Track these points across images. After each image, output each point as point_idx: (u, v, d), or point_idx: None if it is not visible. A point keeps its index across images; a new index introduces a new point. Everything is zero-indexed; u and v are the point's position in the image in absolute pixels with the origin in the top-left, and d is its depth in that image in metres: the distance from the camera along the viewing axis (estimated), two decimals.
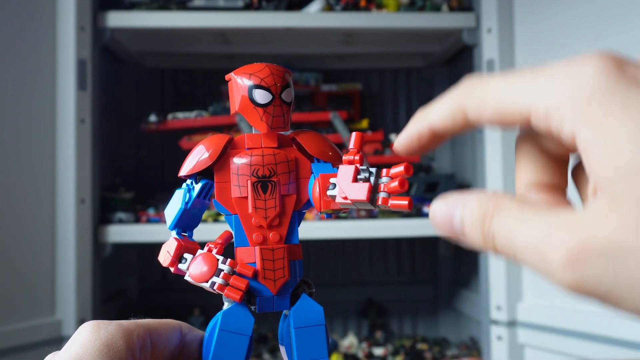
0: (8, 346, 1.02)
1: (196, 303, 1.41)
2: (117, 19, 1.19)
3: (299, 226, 0.36)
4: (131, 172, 1.48)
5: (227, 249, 0.36)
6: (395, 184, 0.31)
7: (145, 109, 1.45)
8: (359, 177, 0.32)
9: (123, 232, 1.20)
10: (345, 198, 0.32)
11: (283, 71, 0.35)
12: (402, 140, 0.28)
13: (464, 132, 0.27)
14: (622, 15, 1.04)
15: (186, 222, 0.37)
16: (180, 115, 1.30)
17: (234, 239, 0.36)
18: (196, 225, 0.37)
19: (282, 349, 0.37)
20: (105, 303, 1.26)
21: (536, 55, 1.18)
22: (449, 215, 0.25)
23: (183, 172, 0.36)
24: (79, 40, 1.14)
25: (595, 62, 0.22)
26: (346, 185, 0.32)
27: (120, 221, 1.21)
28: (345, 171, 0.33)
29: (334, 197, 0.33)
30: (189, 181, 0.36)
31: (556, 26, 1.15)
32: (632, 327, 1.01)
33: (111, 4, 1.22)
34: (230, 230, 0.37)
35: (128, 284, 1.52)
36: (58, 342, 1.08)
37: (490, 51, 1.22)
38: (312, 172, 0.36)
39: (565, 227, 0.21)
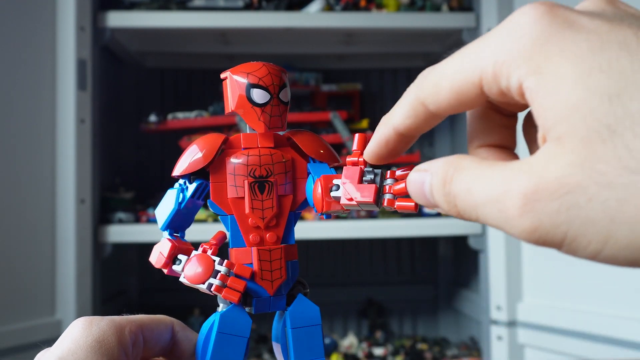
0: (8, 346, 1.02)
1: (196, 303, 1.41)
2: (117, 19, 1.19)
3: (294, 226, 0.36)
4: (131, 172, 1.48)
5: (221, 250, 0.36)
6: (402, 186, 0.31)
7: (145, 109, 1.45)
8: (364, 178, 0.32)
9: (123, 232, 1.20)
10: (351, 199, 0.32)
11: (280, 71, 0.35)
12: (370, 149, 0.29)
13: (429, 127, 0.27)
14: None
15: (179, 223, 0.36)
16: (180, 115, 1.30)
17: (229, 240, 0.35)
18: (188, 226, 0.37)
19: (277, 347, 0.37)
20: (105, 303, 1.26)
21: None
22: (420, 183, 0.26)
23: (177, 172, 0.35)
24: (79, 40, 1.14)
25: (527, 12, 0.22)
26: (352, 186, 0.32)
27: (120, 221, 1.21)
28: (351, 173, 0.32)
29: (337, 198, 0.33)
30: (181, 181, 0.36)
31: None
32: (632, 327, 1.01)
33: (111, 4, 1.22)
34: (224, 230, 0.36)
35: (128, 284, 1.52)
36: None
37: None
38: (310, 173, 0.36)
39: (519, 173, 0.22)
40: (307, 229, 1.19)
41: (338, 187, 0.33)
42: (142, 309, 1.53)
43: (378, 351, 1.38)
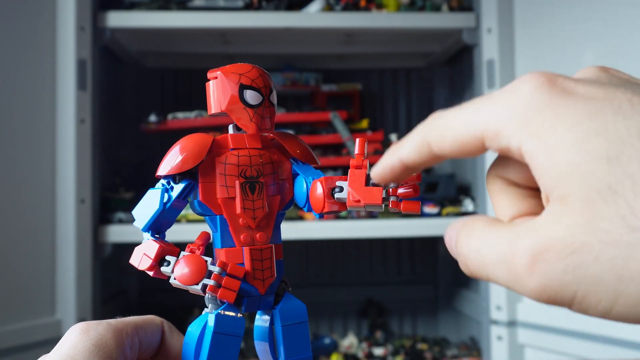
0: (8, 346, 1.02)
1: (196, 303, 1.41)
2: (117, 19, 1.19)
3: (280, 226, 0.37)
4: (131, 172, 1.48)
5: (206, 250, 0.36)
6: (409, 189, 0.33)
7: (145, 109, 1.45)
8: (371, 181, 0.33)
9: (123, 232, 1.20)
10: (358, 201, 0.33)
11: (267, 74, 0.36)
12: (376, 171, 0.30)
13: (432, 164, 0.28)
14: (622, 15, 1.04)
15: (161, 223, 0.35)
16: (180, 115, 1.30)
17: (217, 240, 0.35)
18: (170, 227, 0.36)
19: (264, 345, 0.37)
20: (105, 303, 1.27)
21: (536, 55, 1.18)
22: (449, 239, 0.27)
23: (162, 171, 0.35)
24: (79, 40, 1.14)
25: (529, 80, 0.24)
26: (359, 189, 0.33)
27: (120, 221, 1.21)
28: (356, 176, 0.34)
29: (341, 199, 0.34)
30: (164, 181, 0.35)
31: (556, 26, 1.15)
32: (632, 327, 1.01)
33: (111, 4, 1.22)
34: (207, 231, 0.36)
35: (128, 284, 1.53)
36: (58, 342, 1.07)
37: (490, 51, 1.22)
38: (298, 173, 0.36)
39: (526, 234, 0.22)
40: (307, 229, 1.19)
41: (341, 189, 0.34)
42: (142, 309, 1.53)
43: (378, 351, 1.38)
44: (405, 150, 0.28)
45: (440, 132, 0.26)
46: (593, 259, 0.20)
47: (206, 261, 0.34)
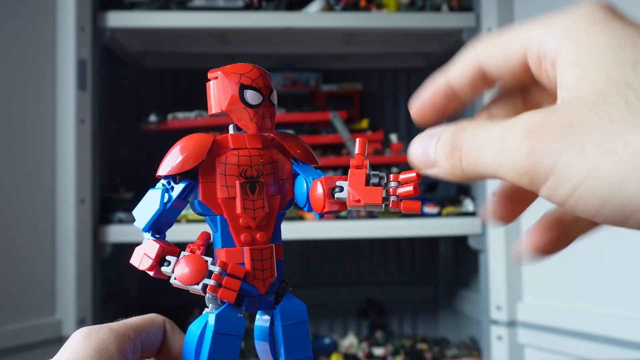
0: (8, 346, 1.02)
1: (196, 303, 1.41)
2: (117, 19, 1.19)
3: (280, 225, 0.37)
4: (131, 172, 1.48)
5: (206, 250, 0.36)
6: (409, 189, 0.33)
7: (145, 109, 1.45)
8: (371, 181, 0.33)
9: (123, 232, 1.20)
10: (359, 201, 0.33)
11: (268, 74, 0.36)
12: (417, 99, 0.30)
13: (476, 88, 0.28)
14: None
15: (161, 224, 0.35)
16: (180, 115, 1.30)
17: (217, 240, 0.35)
18: (170, 227, 0.36)
19: (264, 345, 0.37)
20: (105, 303, 1.27)
21: None
22: (424, 149, 0.27)
23: (163, 171, 0.34)
24: (79, 40, 1.14)
25: (587, 3, 0.25)
26: (359, 189, 0.33)
27: (120, 221, 1.21)
28: (357, 175, 0.34)
29: (342, 199, 0.34)
30: (164, 181, 0.35)
31: None
32: (632, 327, 1.02)
33: (111, 4, 1.22)
34: (207, 231, 0.36)
35: (128, 284, 1.53)
36: (58, 342, 1.08)
37: None
38: (299, 173, 0.36)
39: (528, 115, 0.23)
40: (307, 229, 1.19)
41: (341, 188, 0.34)
42: (142, 309, 1.53)
43: (378, 351, 1.38)
44: (454, 67, 0.29)
45: (491, 41, 0.27)
46: (586, 132, 0.21)
47: (206, 261, 0.34)
